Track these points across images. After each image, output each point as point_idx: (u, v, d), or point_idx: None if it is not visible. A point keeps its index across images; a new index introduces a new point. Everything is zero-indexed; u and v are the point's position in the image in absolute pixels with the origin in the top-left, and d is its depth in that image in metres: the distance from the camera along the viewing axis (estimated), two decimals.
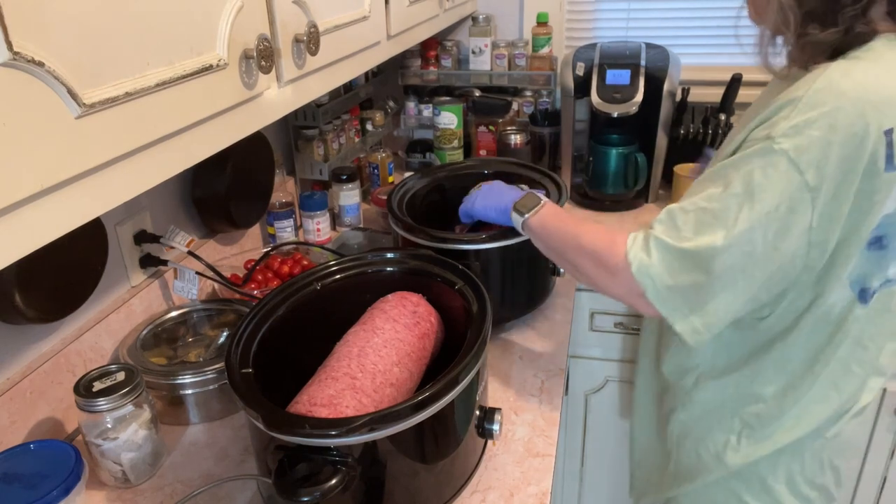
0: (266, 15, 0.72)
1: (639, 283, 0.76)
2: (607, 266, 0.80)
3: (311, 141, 1.55)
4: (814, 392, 0.85)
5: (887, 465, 1.49)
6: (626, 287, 0.78)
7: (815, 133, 0.68)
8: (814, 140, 0.68)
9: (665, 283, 0.75)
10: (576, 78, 1.61)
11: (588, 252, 0.83)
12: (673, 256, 0.75)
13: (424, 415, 0.71)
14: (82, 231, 0.54)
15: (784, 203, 0.70)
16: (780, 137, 0.70)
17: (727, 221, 0.72)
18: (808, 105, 0.69)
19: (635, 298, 0.79)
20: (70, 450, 0.79)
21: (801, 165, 0.69)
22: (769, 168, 0.70)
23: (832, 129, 0.68)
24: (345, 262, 0.98)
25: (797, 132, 0.69)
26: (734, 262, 0.73)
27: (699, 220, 0.74)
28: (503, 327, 1.18)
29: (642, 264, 0.76)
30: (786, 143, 0.69)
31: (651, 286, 0.76)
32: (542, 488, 0.85)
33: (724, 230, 0.72)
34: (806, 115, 0.69)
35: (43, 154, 0.45)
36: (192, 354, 1.04)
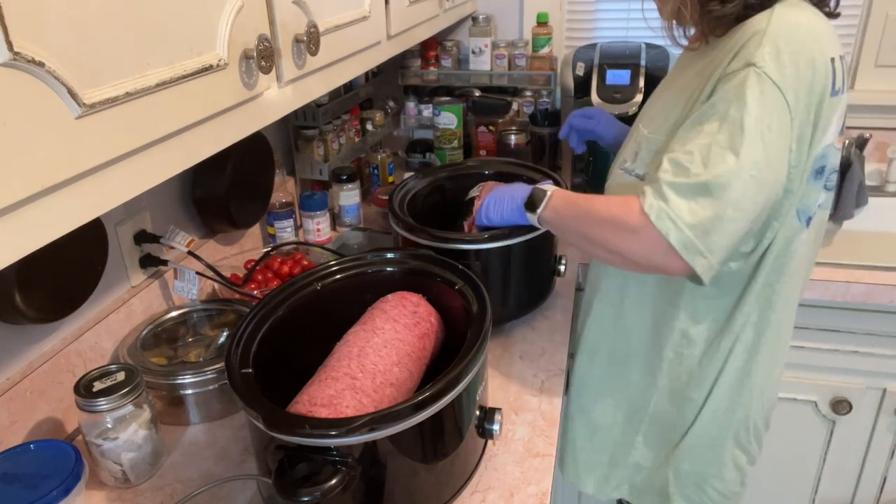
0: (266, 15, 0.72)
1: (660, 230, 0.76)
2: (627, 226, 0.80)
3: (311, 141, 1.55)
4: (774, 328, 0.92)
5: (887, 465, 1.50)
6: (650, 241, 0.78)
7: (786, 58, 0.75)
8: (786, 63, 0.75)
9: (686, 222, 0.76)
10: (576, 78, 1.61)
11: (605, 220, 0.83)
12: (690, 192, 0.76)
13: (424, 415, 0.71)
14: (82, 231, 0.54)
15: (774, 123, 0.75)
16: (761, 62, 0.75)
17: (734, 147, 0.75)
18: (773, 34, 0.75)
19: (661, 254, 0.78)
20: (70, 450, 0.79)
21: (782, 86, 0.75)
22: (757, 90, 0.75)
23: (798, 54, 0.75)
24: (345, 262, 0.98)
25: (773, 57, 0.75)
26: (746, 187, 0.75)
27: (706, 154, 0.76)
28: (503, 327, 1.18)
29: (661, 210, 0.77)
30: (766, 66, 0.75)
31: (673, 228, 0.76)
32: (542, 488, 0.85)
33: (733, 155, 0.75)
34: (775, 43, 0.75)
35: (43, 154, 0.45)
36: (192, 354, 1.04)
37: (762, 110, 0.74)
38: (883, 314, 1.36)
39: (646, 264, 0.82)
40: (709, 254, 0.77)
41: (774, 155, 0.76)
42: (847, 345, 1.41)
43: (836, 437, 1.49)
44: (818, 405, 1.48)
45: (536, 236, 1.10)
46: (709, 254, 0.77)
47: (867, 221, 1.65)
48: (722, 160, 0.75)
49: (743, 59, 0.76)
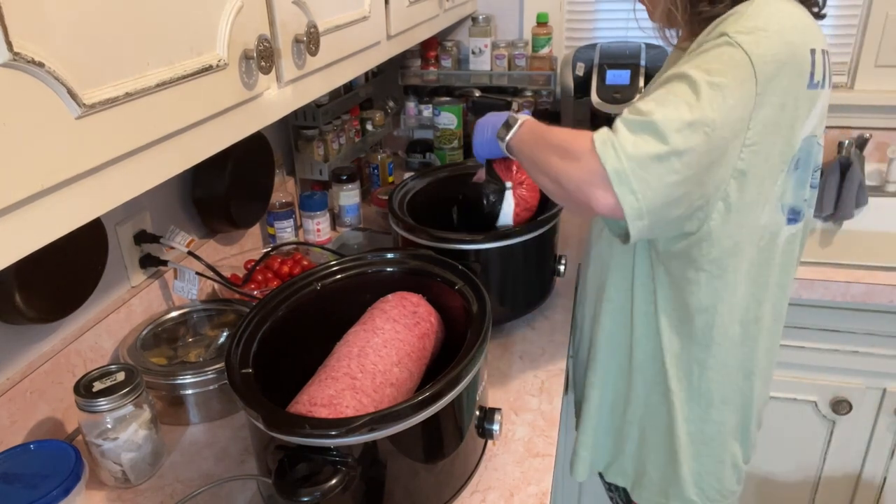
0: (266, 15, 0.72)
1: (600, 154, 0.75)
2: (571, 153, 0.79)
3: (311, 141, 1.55)
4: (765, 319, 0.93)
5: (887, 465, 1.50)
6: (587, 169, 0.77)
7: (761, 34, 0.75)
8: (761, 39, 0.75)
9: (626, 153, 0.74)
10: (576, 78, 1.61)
11: (555, 146, 0.82)
12: (638, 127, 0.75)
13: (424, 415, 0.71)
14: (82, 231, 0.54)
15: (737, 92, 0.74)
16: (734, 34, 0.75)
17: (690, 99, 0.74)
18: (752, 14, 0.77)
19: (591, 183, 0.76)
20: (70, 450, 0.79)
21: (754, 59, 0.74)
22: (726, 57, 0.75)
23: (775, 34, 0.75)
24: (345, 262, 0.98)
25: (749, 32, 0.75)
26: (693, 139, 0.74)
27: (662, 99, 0.75)
28: (503, 327, 1.18)
29: (606, 138, 0.75)
30: (741, 38, 0.75)
31: (612, 156, 0.74)
32: (542, 488, 0.85)
33: (686, 106, 0.74)
34: (754, 21, 0.76)
35: (43, 154, 0.45)
36: (192, 354, 1.04)
37: (726, 73, 0.74)
38: (883, 314, 1.36)
39: (576, 194, 0.79)
40: (640, 195, 0.75)
41: (729, 120, 0.75)
42: (847, 345, 1.41)
43: (836, 437, 1.50)
44: (818, 405, 1.48)
45: (536, 236, 1.10)
46: (640, 195, 0.75)
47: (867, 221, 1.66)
48: (675, 107, 0.74)
49: (717, 32, 0.77)
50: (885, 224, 1.67)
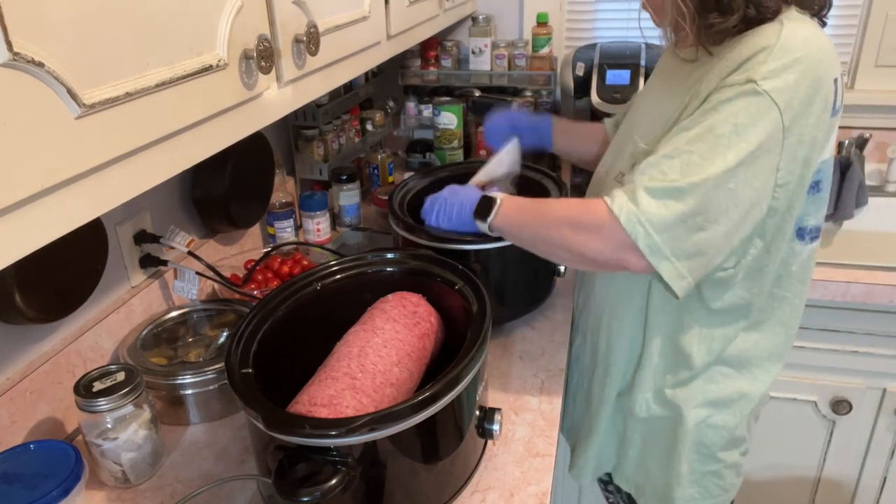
0: (266, 15, 0.72)
1: (629, 232, 0.76)
2: (587, 226, 0.80)
3: (311, 141, 1.55)
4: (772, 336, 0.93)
5: (887, 465, 1.50)
6: (611, 242, 0.78)
7: (790, 76, 0.74)
8: (789, 83, 0.74)
9: (655, 225, 0.75)
10: (576, 78, 1.61)
11: (562, 221, 0.83)
12: (662, 196, 0.75)
13: (424, 415, 0.71)
14: (82, 231, 0.54)
15: (763, 141, 0.74)
16: (761, 80, 0.74)
17: (715, 160, 0.74)
18: (782, 51, 0.74)
19: (622, 252, 0.78)
20: (70, 450, 0.79)
21: (781, 106, 0.74)
22: (753, 108, 0.74)
23: (804, 74, 0.74)
24: (345, 262, 0.98)
25: (776, 75, 0.74)
26: (720, 200, 0.75)
27: (686, 162, 0.75)
28: (503, 327, 1.18)
29: (631, 213, 0.76)
30: (767, 84, 0.74)
31: (643, 232, 0.76)
32: (542, 488, 0.85)
33: (712, 168, 0.74)
34: (782, 60, 0.74)
35: (43, 154, 0.45)
36: (192, 354, 1.04)
37: (752, 127, 0.74)
38: (883, 314, 1.36)
39: (606, 264, 0.81)
40: (675, 260, 0.77)
41: (758, 173, 0.76)
42: (847, 345, 1.41)
43: (836, 437, 1.50)
44: (818, 405, 1.48)
45: None
46: (675, 260, 0.77)
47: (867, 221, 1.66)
48: (701, 169, 0.74)
49: (745, 72, 0.75)
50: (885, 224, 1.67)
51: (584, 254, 0.82)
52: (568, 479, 1.64)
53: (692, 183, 0.74)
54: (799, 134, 0.76)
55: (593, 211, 0.80)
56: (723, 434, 0.97)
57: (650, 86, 1.00)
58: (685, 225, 0.76)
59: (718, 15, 0.77)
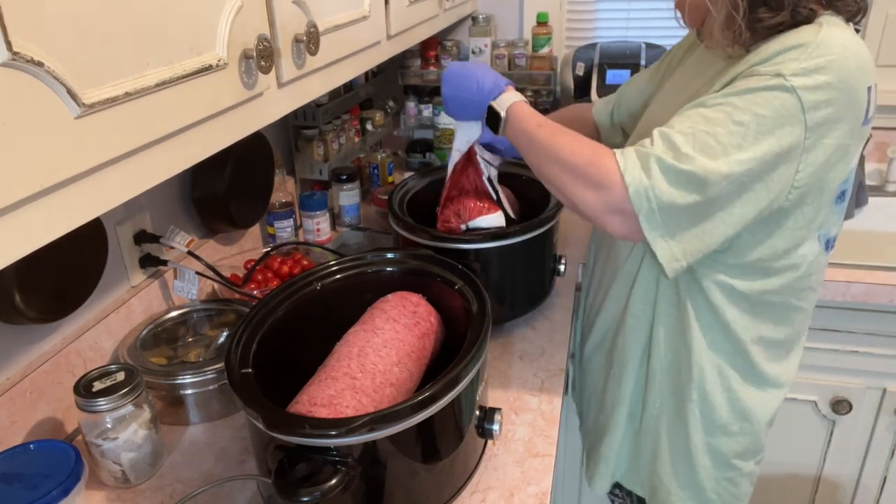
0: (266, 15, 0.72)
1: (633, 203, 0.74)
2: (590, 180, 0.77)
3: (311, 141, 1.55)
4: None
5: (887, 465, 1.50)
6: (609, 203, 0.76)
7: (823, 78, 0.71)
8: (821, 84, 0.71)
9: (661, 204, 0.74)
10: (576, 78, 1.61)
11: (566, 163, 0.80)
12: (675, 176, 0.73)
13: (424, 415, 0.71)
14: (82, 231, 0.54)
15: (785, 139, 0.72)
16: (791, 76, 0.71)
17: (730, 148, 0.72)
18: (817, 50, 0.71)
19: (613, 214, 0.76)
20: (70, 450, 0.79)
21: (807, 105, 0.71)
22: (777, 102, 0.71)
23: (837, 78, 0.71)
24: (345, 262, 0.98)
25: (807, 73, 0.71)
26: (731, 191, 0.73)
27: (702, 142, 0.73)
28: (503, 327, 1.18)
29: (641, 185, 0.74)
30: (797, 81, 0.71)
31: (646, 207, 0.74)
32: (542, 488, 0.85)
33: (726, 156, 0.72)
34: (816, 60, 0.71)
35: (43, 154, 0.45)
36: (192, 354, 1.04)
37: (774, 123, 0.71)
38: (883, 314, 1.36)
39: (590, 216, 0.79)
40: (671, 239, 0.75)
41: (774, 173, 0.74)
42: (847, 345, 1.41)
43: (836, 437, 1.50)
44: (818, 405, 1.48)
45: (536, 236, 1.10)
46: (671, 239, 0.75)
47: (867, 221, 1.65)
48: (716, 155, 0.72)
49: (775, 65, 0.72)
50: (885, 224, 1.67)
51: (574, 202, 0.80)
52: (568, 480, 1.64)
53: (706, 169, 0.72)
54: (824, 138, 0.73)
55: (602, 165, 0.76)
56: (739, 441, 0.96)
57: (676, 77, 0.97)
58: (691, 210, 0.74)
59: (767, 10, 0.75)
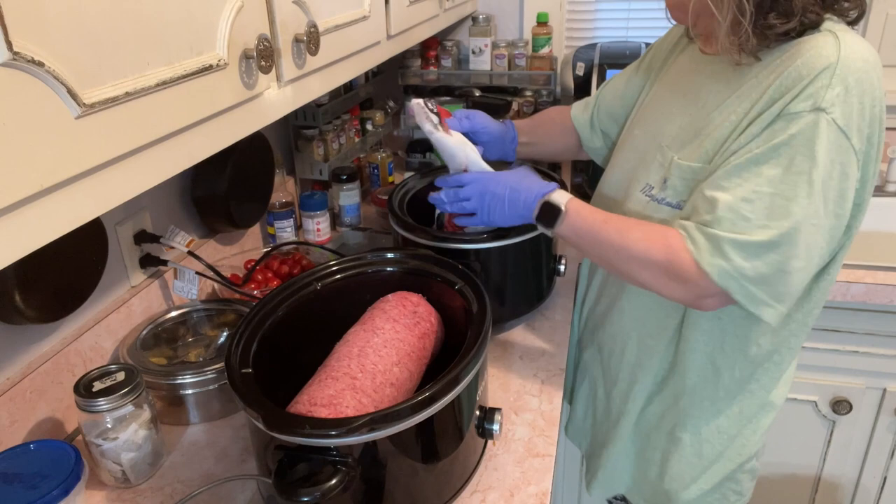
0: (266, 15, 0.72)
1: (723, 287, 0.76)
2: (671, 274, 0.79)
3: (311, 141, 1.55)
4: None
5: (887, 465, 1.50)
6: (699, 292, 0.78)
7: (855, 100, 0.72)
8: (854, 106, 0.72)
9: (750, 279, 0.75)
10: (576, 78, 1.61)
11: (642, 260, 0.81)
12: (753, 250, 0.74)
13: (424, 415, 0.71)
14: (82, 231, 0.54)
15: (839, 169, 0.73)
16: (830, 107, 0.72)
17: (799, 198, 0.73)
18: (844, 71, 0.72)
19: (706, 299, 0.79)
20: (70, 450, 0.79)
21: (849, 131, 0.72)
22: (825, 139, 0.72)
23: (865, 94, 0.73)
24: (345, 262, 0.98)
25: (843, 100, 0.72)
26: (809, 237, 0.75)
27: (771, 205, 0.74)
28: (503, 327, 1.18)
29: (723, 270, 0.75)
30: (835, 111, 0.72)
31: (738, 287, 0.76)
32: (542, 488, 0.85)
33: (798, 207, 0.73)
34: (845, 83, 0.72)
35: (43, 154, 0.45)
36: (192, 354, 1.04)
37: (830, 161, 0.73)
38: (883, 314, 1.36)
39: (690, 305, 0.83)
40: (776, 303, 0.77)
41: (839, 201, 0.75)
42: (847, 345, 1.41)
43: (836, 437, 1.50)
44: (818, 405, 1.48)
45: (536, 236, 1.10)
46: (776, 303, 0.77)
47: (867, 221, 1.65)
48: (787, 213, 0.73)
49: (811, 99, 0.72)
50: (885, 224, 1.67)
51: (662, 293, 0.82)
52: (568, 480, 1.64)
53: (781, 232, 0.73)
54: (867, 152, 0.76)
55: (678, 259, 0.78)
56: (744, 443, 0.97)
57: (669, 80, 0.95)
58: (780, 272, 0.75)
59: (777, 16, 0.74)
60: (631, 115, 1.04)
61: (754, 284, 0.75)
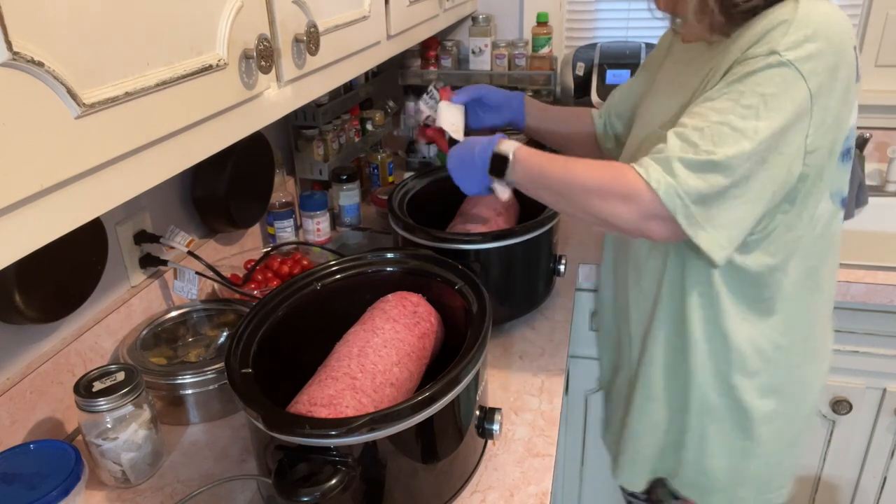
0: (266, 15, 0.72)
1: (667, 205, 0.77)
2: (618, 194, 0.80)
3: (311, 141, 1.55)
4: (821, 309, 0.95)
5: (887, 464, 1.50)
6: (644, 211, 0.79)
7: (813, 46, 0.75)
8: (812, 52, 0.75)
9: (693, 197, 0.77)
10: (576, 78, 1.61)
11: (590, 187, 0.82)
12: (698, 168, 0.76)
13: (424, 415, 0.71)
14: (82, 231, 0.54)
15: (791, 109, 0.76)
16: (784, 51, 0.75)
17: (747, 131, 0.75)
18: (801, 23, 0.76)
19: (650, 221, 0.80)
20: (70, 450, 0.79)
21: (805, 73, 0.75)
22: (778, 78, 0.75)
23: (827, 42, 0.76)
24: (345, 262, 0.98)
25: (798, 45, 0.75)
26: (753, 170, 0.77)
27: (718, 132, 0.76)
28: (503, 327, 1.18)
29: (670, 186, 0.77)
30: (790, 54, 0.75)
31: (680, 204, 0.77)
32: (542, 488, 0.85)
33: (745, 140, 0.75)
34: (803, 32, 0.75)
35: (43, 154, 0.45)
36: (192, 354, 1.04)
37: (780, 96, 0.75)
38: (883, 314, 1.36)
39: (629, 230, 0.82)
40: (712, 229, 0.78)
41: (789, 141, 0.77)
42: (847, 345, 1.41)
43: (836, 437, 1.49)
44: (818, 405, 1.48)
45: (536, 236, 1.10)
46: (712, 229, 0.78)
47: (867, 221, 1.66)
48: (734, 141, 0.75)
49: (766, 44, 0.76)
50: (885, 224, 1.67)
51: (609, 220, 0.82)
52: (568, 479, 1.64)
53: (728, 156, 0.75)
54: (826, 101, 0.77)
55: (625, 180, 0.79)
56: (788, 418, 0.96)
57: (660, 78, 0.99)
58: (723, 196, 0.77)
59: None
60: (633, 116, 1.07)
61: (696, 203, 0.77)
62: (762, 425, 0.96)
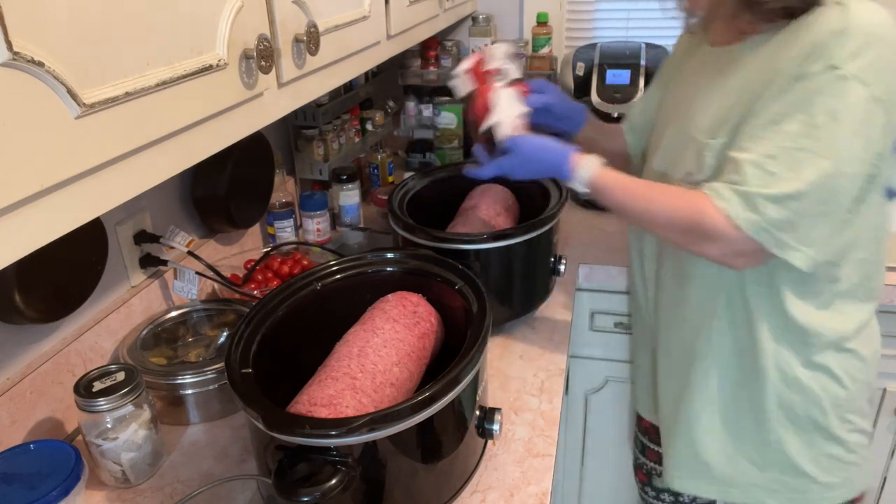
0: (266, 15, 0.72)
1: (756, 239, 0.79)
2: (702, 234, 0.82)
3: (311, 141, 1.55)
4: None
5: (887, 465, 1.50)
6: (732, 248, 0.82)
7: (873, 52, 0.76)
8: (872, 59, 0.76)
9: (782, 227, 0.78)
10: (576, 78, 1.61)
11: (672, 222, 0.85)
12: (784, 200, 0.78)
13: (424, 415, 0.71)
14: (82, 231, 0.54)
15: (862, 118, 0.77)
16: (844, 64, 0.76)
17: (824, 150, 0.77)
18: (857, 31, 0.76)
19: (741, 256, 0.83)
20: (70, 450, 0.79)
21: (869, 81, 0.76)
22: (842, 93, 0.76)
23: (885, 45, 0.76)
24: (345, 262, 0.98)
25: (857, 55, 0.75)
26: (835, 186, 0.78)
27: (794, 158, 0.77)
28: (503, 327, 1.18)
29: (756, 224, 0.79)
30: (852, 66, 0.75)
31: (769, 237, 0.79)
32: (542, 488, 0.85)
33: (822, 160, 0.77)
34: (858, 41, 0.76)
35: (43, 154, 0.45)
36: (192, 354, 1.04)
37: (850, 110, 0.76)
38: (883, 314, 1.36)
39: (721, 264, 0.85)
40: (803, 247, 0.80)
41: (861, 150, 0.78)
42: None
43: None
44: None
45: (536, 236, 1.10)
46: (803, 247, 0.80)
47: None
48: (811, 165, 0.77)
49: (823, 60, 0.76)
50: None
51: (696, 254, 0.86)
52: (568, 480, 1.64)
53: (809, 182, 0.77)
54: (890, 104, 0.78)
55: (708, 217, 0.81)
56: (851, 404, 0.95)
57: (686, 81, 0.99)
58: (809, 218, 0.79)
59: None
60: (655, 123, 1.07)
61: (783, 232, 0.79)
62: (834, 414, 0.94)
